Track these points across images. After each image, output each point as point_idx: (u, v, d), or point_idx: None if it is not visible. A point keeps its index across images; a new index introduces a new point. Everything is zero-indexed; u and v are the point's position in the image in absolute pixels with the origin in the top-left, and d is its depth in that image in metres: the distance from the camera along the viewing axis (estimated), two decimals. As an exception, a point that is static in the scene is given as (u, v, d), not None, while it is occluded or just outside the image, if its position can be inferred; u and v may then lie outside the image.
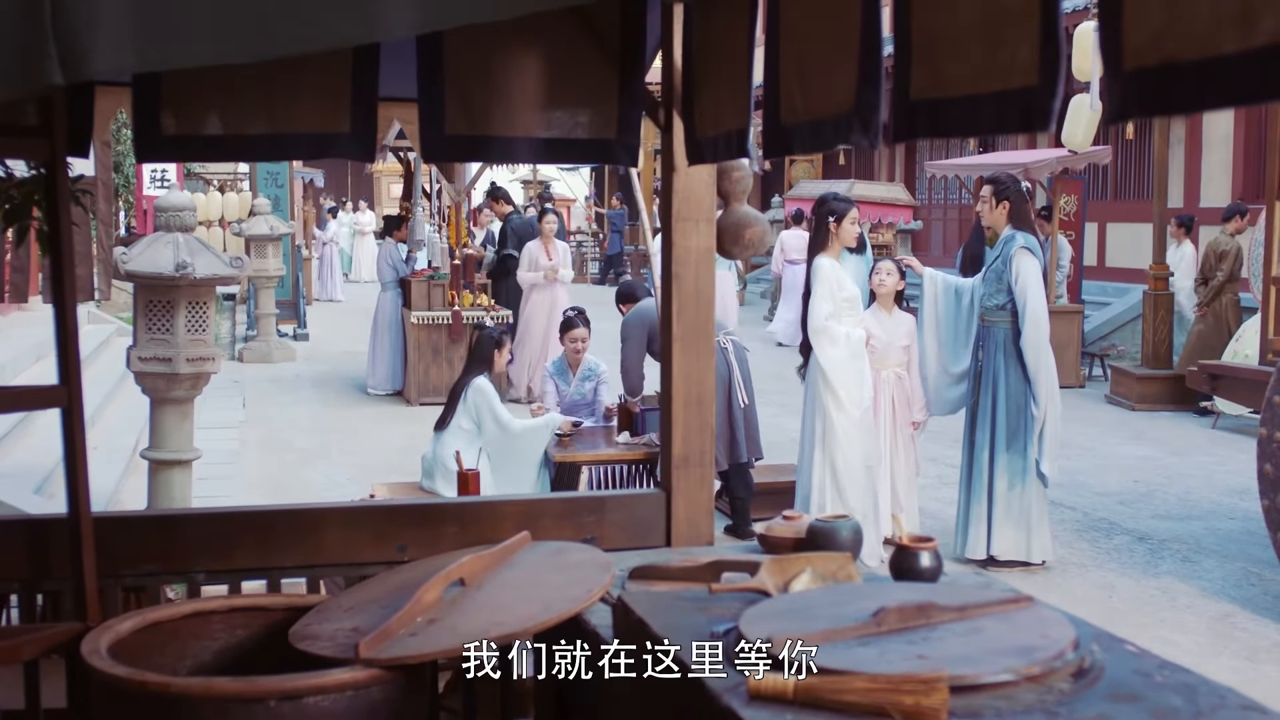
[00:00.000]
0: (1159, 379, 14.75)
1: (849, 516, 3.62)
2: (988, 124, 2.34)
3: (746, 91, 3.32)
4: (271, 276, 18.30)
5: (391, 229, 16.23)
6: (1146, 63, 1.80)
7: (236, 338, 19.67)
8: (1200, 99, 1.77)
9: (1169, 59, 1.76)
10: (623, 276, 31.55)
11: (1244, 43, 1.63)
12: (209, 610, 3.59)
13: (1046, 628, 2.52)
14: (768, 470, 9.49)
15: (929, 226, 27.02)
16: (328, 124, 3.75)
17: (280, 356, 18.29)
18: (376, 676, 3.05)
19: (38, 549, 3.75)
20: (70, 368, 3.45)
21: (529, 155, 4.08)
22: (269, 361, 17.99)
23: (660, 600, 2.95)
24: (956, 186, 25.29)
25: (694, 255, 4.00)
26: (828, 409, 8.10)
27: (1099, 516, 9.81)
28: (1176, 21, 1.74)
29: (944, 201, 27.02)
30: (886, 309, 8.87)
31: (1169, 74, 1.77)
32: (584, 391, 9.08)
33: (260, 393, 15.33)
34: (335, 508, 4.27)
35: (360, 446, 12.29)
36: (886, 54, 2.57)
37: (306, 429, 13.16)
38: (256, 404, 14.55)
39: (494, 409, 8.17)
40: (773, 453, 11.34)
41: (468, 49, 3.74)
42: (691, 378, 4.02)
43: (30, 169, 3.75)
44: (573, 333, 9.14)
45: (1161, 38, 1.77)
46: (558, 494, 5.76)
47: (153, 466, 7.84)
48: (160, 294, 7.39)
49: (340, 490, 10.31)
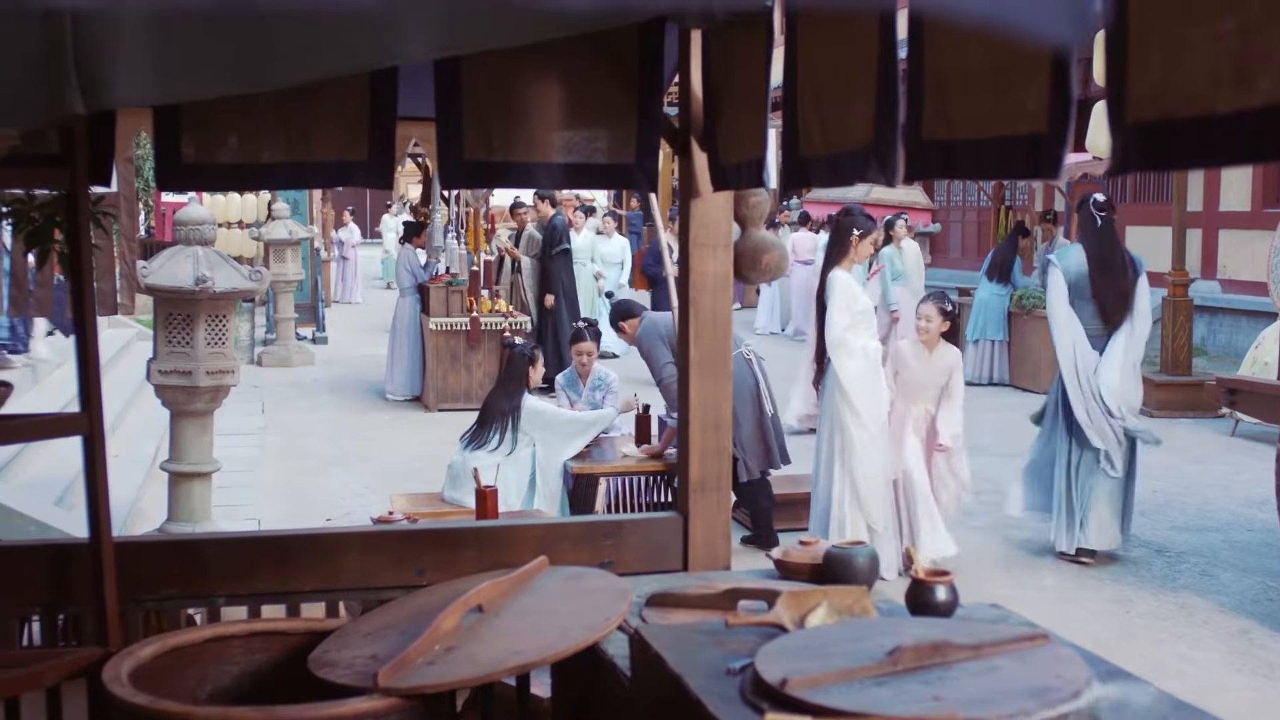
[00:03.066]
0: (1178, 385, 14.70)
1: (865, 542, 3.63)
2: (994, 168, 2.35)
3: (764, 120, 3.34)
4: (290, 281, 18.34)
5: (411, 235, 16.26)
6: (1146, 117, 1.80)
7: (255, 341, 19.72)
8: (1198, 156, 1.77)
9: (1167, 115, 1.75)
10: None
11: (1240, 103, 1.62)
12: (229, 635, 3.61)
13: (1061, 667, 2.53)
14: (783, 481, 9.50)
15: (947, 229, 26.99)
16: (345, 152, 3.77)
17: (299, 361, 18.33)
18: (395, 705, 3.07)
19: (59, 573, 3.77)
20: (91, 395, 3.47)
21: (547, 180, 4.09)
22: (288, 365, 18.03)
23: (677, 634, 2.96)
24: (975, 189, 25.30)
25: (711, 280, 4.02)
26: (845, 423, 8.09)
27: (1117, 527, 9.77)
28: (1175, 77, 1.73)
29: (962, 204, 27.00)
30: (928, 347, 8.49)
31: (1167, 130, 1.76)
32: (594, 401, 9.11)
33: (279, 398, 15.37)
34: (354, 532, 4.29)
35: (379, 453, 12.32)
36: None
37: (325, 435, 13.20)
38: (275, 409, 14.59)
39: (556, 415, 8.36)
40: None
41: (485, 73, 3.75)
42: (709, 402, 4.04)
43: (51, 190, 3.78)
44: (579, 345, 9.22)
45: (1161, 92, 1.76)
46: (575, 518, 5.78)
47: (173, 478, 7.88)
48: (180, 307, 7.43)
49: (359, 499, 10.34)
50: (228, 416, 11.45)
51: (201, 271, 7.37)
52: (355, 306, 27.81)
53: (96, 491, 3.50)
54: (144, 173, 17.79)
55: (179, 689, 3.41)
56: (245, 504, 9.91)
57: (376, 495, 10.15)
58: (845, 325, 8.12)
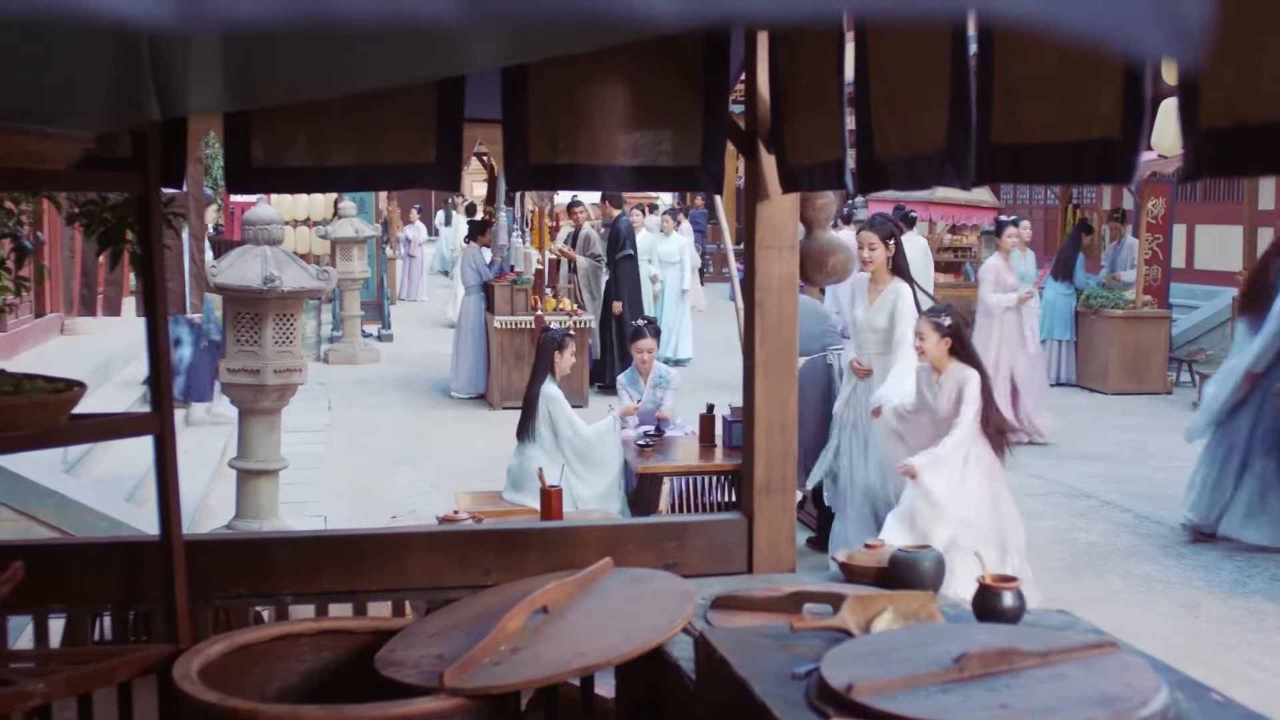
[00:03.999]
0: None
1: (931, 546, 3.61)
2: (1064, 173, 2.34)
3: (841, 122, 3.33)
4: (356, 279, 18.46)
5: (475, 234, 16.33)
6: (1220, 123, 1.78)
7: (321, 339, 19.86)
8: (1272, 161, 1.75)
9: (1241, 120, 1.74)
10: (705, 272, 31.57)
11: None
12: (297, 633, 3.65)
13: (1130, 675, 2.51)
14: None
15: (1013, 228, 26.75)
16: (413, 154, 3.80)
17: (365, 358, 18.45)
18: (461, 705, 3.08)
19: (131, 570, 3.82)
20: (162, 396, 3.51)
21: (613, 182, 4.10)
22: (354, 363, 18.15)
23: (742, 638, 2.95)
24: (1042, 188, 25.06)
25: (777, 282, 4.01)
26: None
27: (1186, 530, 9.67)
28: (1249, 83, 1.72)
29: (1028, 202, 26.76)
30: (938, 367, 6.97)
31: (1240, 135, 1.75)
32: (655, 399, 9.12)
33: (345, 395, 15.48)
34: (420, 532, 4.31)
35: (443, 451, 12.38)
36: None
37: (390, 433, 13.27)
38: (341, 406, 14.69)
39: (566, 415, 8.24)
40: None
41: (551, 76, 3.77)
42: (774, 404, 4.03)
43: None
44: (640, 343, 9.24)
45: (1235, 98, 1.75)
46: (640, 519, 5.78)
47: (241, 475, 7.96)
48: (249, 306, 7.51)
49: (424, 497, 10.39)
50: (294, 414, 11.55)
51: (269, 271, 7.44)
52: (420, 304, 27.96)
53: (167, 491, 3.54)
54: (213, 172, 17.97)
55: (247, 686, 3.44)
56: (312, 501, 9.98)
57: (441, 493, 10.20)
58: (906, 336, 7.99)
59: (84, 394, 3.35)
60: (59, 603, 3.87)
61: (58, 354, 11.98)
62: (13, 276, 5.08)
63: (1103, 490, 10.74)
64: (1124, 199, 21.26)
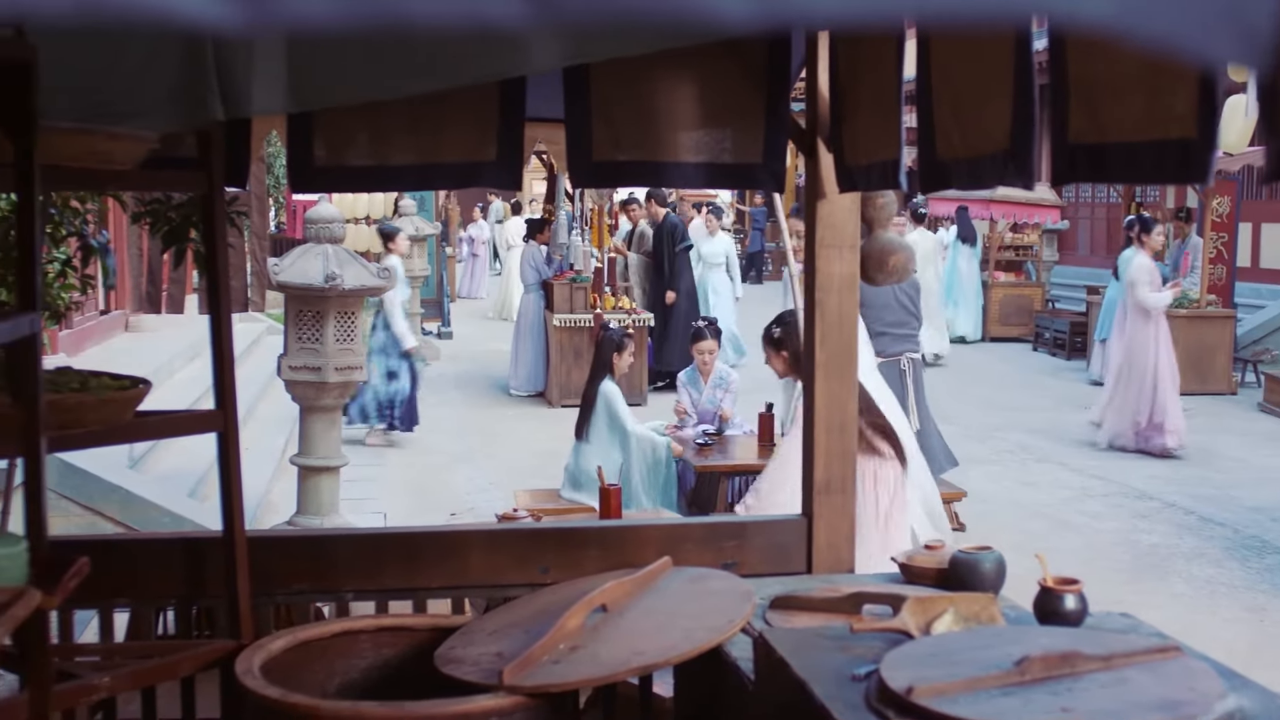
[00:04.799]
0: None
1: (991, 548, 3.58)
2: (1146, 172, 2.32)
3: (898, 122, 3.31)
4: (416, 276, 18.54)
5: (535, 232, 16.38)
6: None
7: (382, 336, 19.95)
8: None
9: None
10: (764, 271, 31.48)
11: None
12: (357, 630, 3.67)
13: (1194, 680, 2.48)
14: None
15: (1075, 226, 26.54)
16: (474, 153, 3.81)
17: (425, 355, 18.52)
18: (520, 703, 3.09)
19: (194, 566, 3.86)
20: (226, 393, 3.54)
21: (675, 180, 4.10)
22: (413, 360, 18.25)
23: (801, 638, 2.95)
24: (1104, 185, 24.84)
25: (837, 282, 4.00)
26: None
27: (1250, 534, 9.55)
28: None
29: (1091, 200, 26.54)
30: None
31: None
32: (715, 399, 9.11)
33: (405, 392, 15.55)
34: (480, 530, 4.33)
35: (503, 449, 12.42)
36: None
37: (450, 430, 13.33)
38: (401, 404, 14.76)
39: (618, 412, 8.27)
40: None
41: (612, 75, 3.77)
42: (834, 404, 4.02)
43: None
44: (700, 344, 9.24)
45: None
46: (699, 519, 5.78)
47: (302, 472, 8.02)
48: (310, 304, 7.56)
49: (483, 494, 10.43)
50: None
51: (331, 269, 7.49)
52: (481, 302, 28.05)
53: (230, 488, 3.58)
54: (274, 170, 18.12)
55: (308, 682, 3.47)
56: (372, 498, 10.04)
57: (500, 491, 10.23)
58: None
59: (149, 391, 3.38)
60: (124, 597, 3.91)
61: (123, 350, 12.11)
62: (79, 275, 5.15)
63: (1165, 492, 10.64)
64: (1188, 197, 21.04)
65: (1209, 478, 11.07)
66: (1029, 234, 22.15)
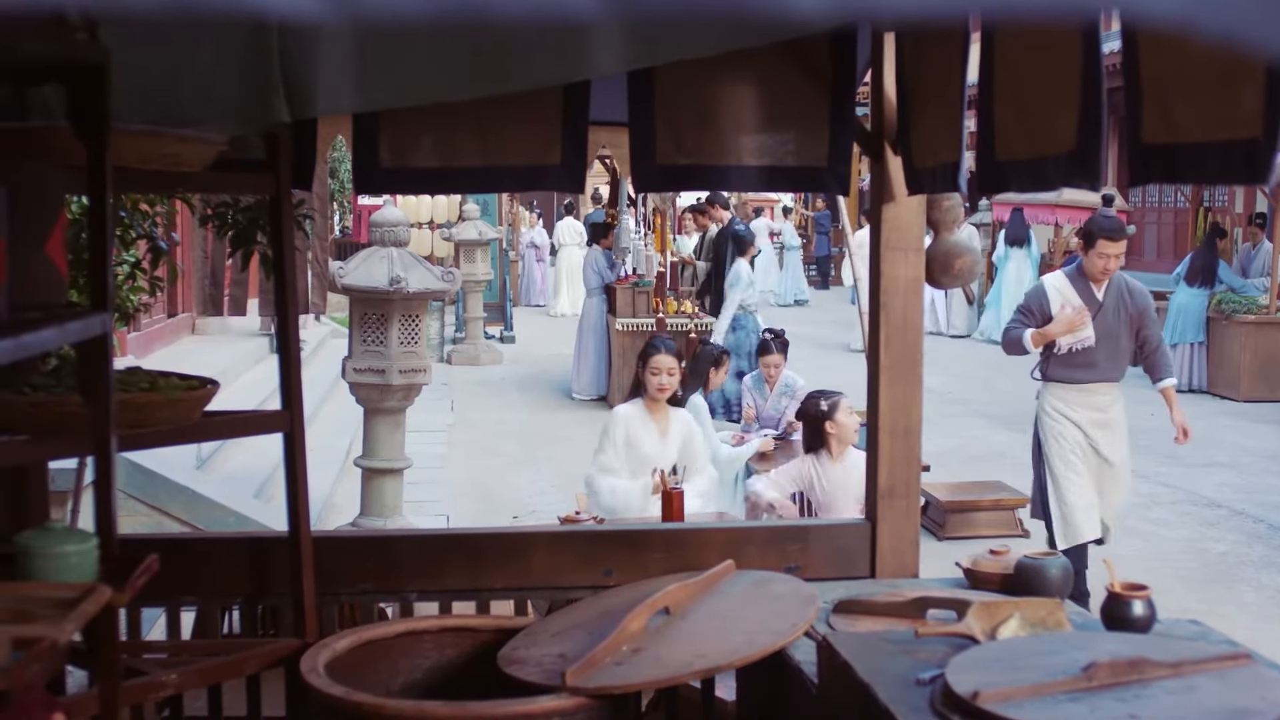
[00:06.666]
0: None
1: (1057, 554, 3.55)
2: (1214, 173, 2.29)
3: (961, 124, 3.30)
4: (480, 280, 18.62)
5: (598, 236, 16.40)
6: None
7: (445, 340, 20.06)
8: None
9: None
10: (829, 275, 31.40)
11: None
12: (421, 630, 3.69)
13: (1265, 689, 2.45)
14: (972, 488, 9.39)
15: (1142, 230, 26.24)
16: (538, 156, 3.82)
17: (487, 359, 18.60)
18: (582, 705, 3.10)
19: (260, 565, 3.89)
20: (292, 394, 3.57)
21: (740, 183, 4.10)
22: (476, 364, 18.30)
23: (865, 642, 2.93)
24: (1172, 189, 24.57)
25: (903, 285, 3.97)
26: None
27: (1322, 542, 9.43)
28: None
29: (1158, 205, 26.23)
30: (834, 455, 6.61)
31: None
32: (779, 407, 9.08)
33: (467, 395, 15.61)
34: (543, 531, 4.34)
35: (565, 453, 12.43)
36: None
37: (512, 434, 13.37)
38: (464, 407, 14.81)
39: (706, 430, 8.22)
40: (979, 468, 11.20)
41: (677, 78, 3.77)
42: (899, 409, 3.99)
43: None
44: (765, 359, 9.20)
45: None
46: (762, 522, 5.75)
47: (365, 474, 8.06)
48: (375, 307, 7.60)
49: (545, 497, 10.45)
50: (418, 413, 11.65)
51: (396, 272, 7.53)
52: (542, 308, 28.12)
53: (296, 488, 3.60)
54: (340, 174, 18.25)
55: (372, 681, 3.49)
56: (435, 500, 10.07)
57: (562, 494, 10.24)
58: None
59: (217, 391, 3.41)
60: (191, 595, 3.95)
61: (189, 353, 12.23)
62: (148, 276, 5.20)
63: (1234, 500, 10.50)
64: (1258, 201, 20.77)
65: (1278, 487, 10.92)
66: (1094, 239, 21.93)
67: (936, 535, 9.17)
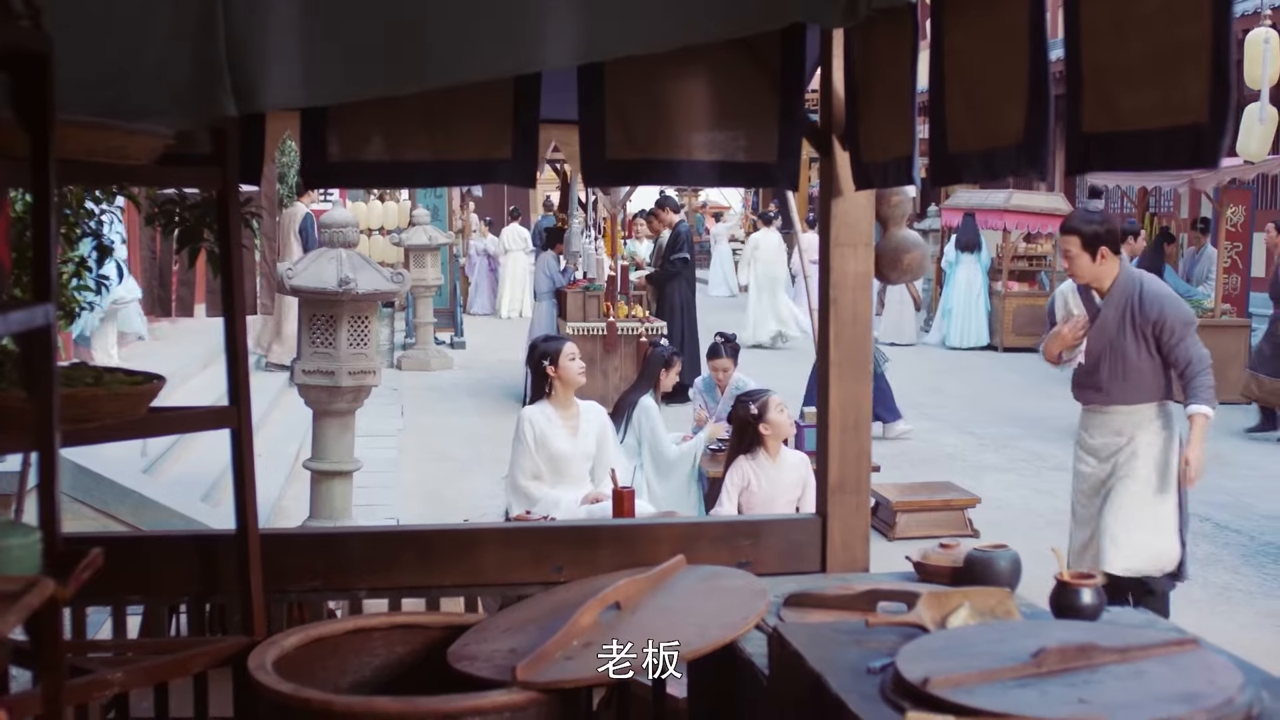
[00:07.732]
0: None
1: (1007, 546, 3.56)
2: (1158, 159, 2.30)
3: (912, 118, 3.31)
4: (430, 286, 18.55)
5: (552, 242, 16.39)
6: None
7: (394, 345, 19.98)
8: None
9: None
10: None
11: None
12: (370, 627, 3.67)
13: (1212, 673, 2.47)
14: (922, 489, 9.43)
15: (1090, 237, 26.42)
16: (489, 150, 3.81)
17: (438, 365, 18.52)
18: (533, 699, 3.08)
19: (207, 563, 3.86)
20: (240, 390, 3.54)
21: (690, 178, 4.10)
22: (426, 369, 18.23)
23: (816, 632, 2.94)
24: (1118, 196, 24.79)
25: (852, 280, 3.99)
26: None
27: (1266, 540, 9.52)
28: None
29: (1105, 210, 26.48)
30: (772, 453, 6.74)
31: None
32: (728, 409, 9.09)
33: (418, 401, 15.54)
34: (493, 528, 4.33)
35: (515, 456, 12.39)
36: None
37: (463, 438, 13.33)
38: (414, 412, 14.75)
39: (655, 430, 8.22)
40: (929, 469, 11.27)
41: (627, 74, 3.76)
42: (849, 404, 4.00)
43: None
44: (715, 362, 9.21)
45: None
46: (713, 518, 5.75)
47: (314, 476, 8.02)
48: (323, 309, 7.57)
49: (495, 501, 10.37)
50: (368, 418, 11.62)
51: (345, 273, 7.49)
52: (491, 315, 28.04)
53: (244, 484, 3.57)
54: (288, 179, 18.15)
55: (321, 679, 3.46)
56: (384, 504, 10.02)
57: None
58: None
59: (162, 387, 3.38)
60: (137, 594, 3.92)
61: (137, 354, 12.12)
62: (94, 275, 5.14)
63: (1181, 500, 10.58)
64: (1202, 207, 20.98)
65: (1223, 486, 11.00)
66: (1042, 244, 22.07)
67: (887, 536, 9.21)
